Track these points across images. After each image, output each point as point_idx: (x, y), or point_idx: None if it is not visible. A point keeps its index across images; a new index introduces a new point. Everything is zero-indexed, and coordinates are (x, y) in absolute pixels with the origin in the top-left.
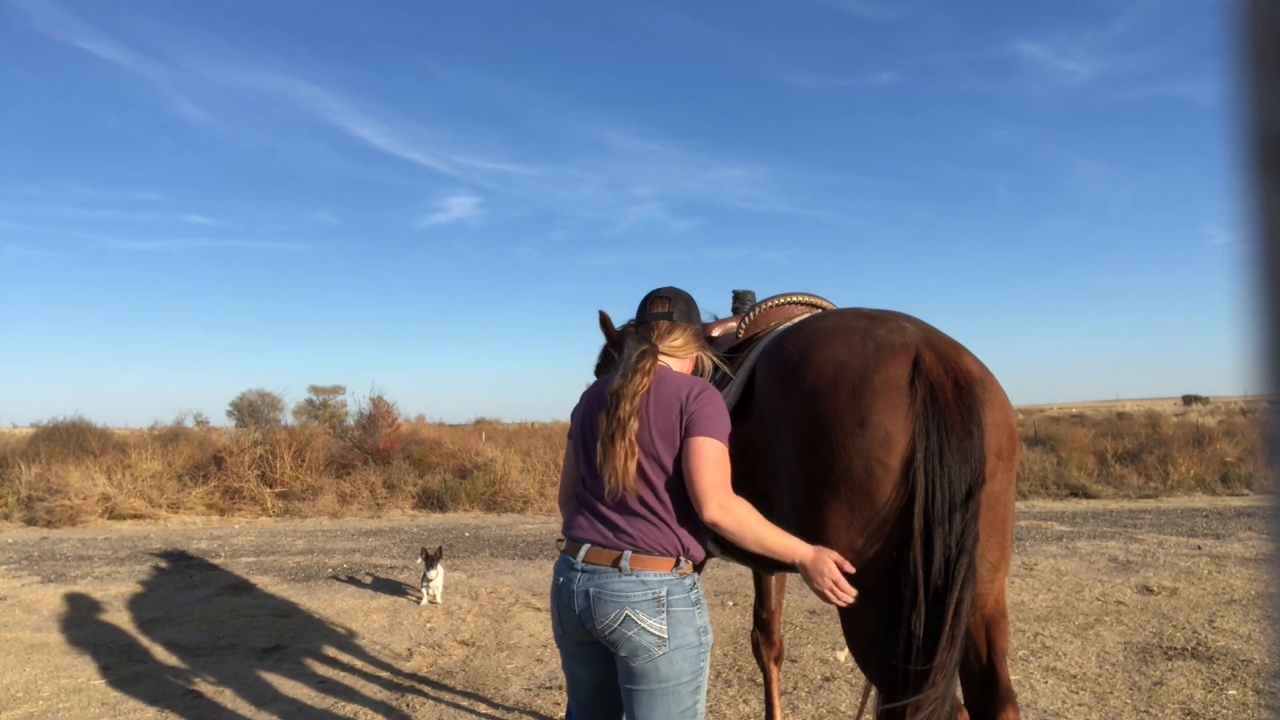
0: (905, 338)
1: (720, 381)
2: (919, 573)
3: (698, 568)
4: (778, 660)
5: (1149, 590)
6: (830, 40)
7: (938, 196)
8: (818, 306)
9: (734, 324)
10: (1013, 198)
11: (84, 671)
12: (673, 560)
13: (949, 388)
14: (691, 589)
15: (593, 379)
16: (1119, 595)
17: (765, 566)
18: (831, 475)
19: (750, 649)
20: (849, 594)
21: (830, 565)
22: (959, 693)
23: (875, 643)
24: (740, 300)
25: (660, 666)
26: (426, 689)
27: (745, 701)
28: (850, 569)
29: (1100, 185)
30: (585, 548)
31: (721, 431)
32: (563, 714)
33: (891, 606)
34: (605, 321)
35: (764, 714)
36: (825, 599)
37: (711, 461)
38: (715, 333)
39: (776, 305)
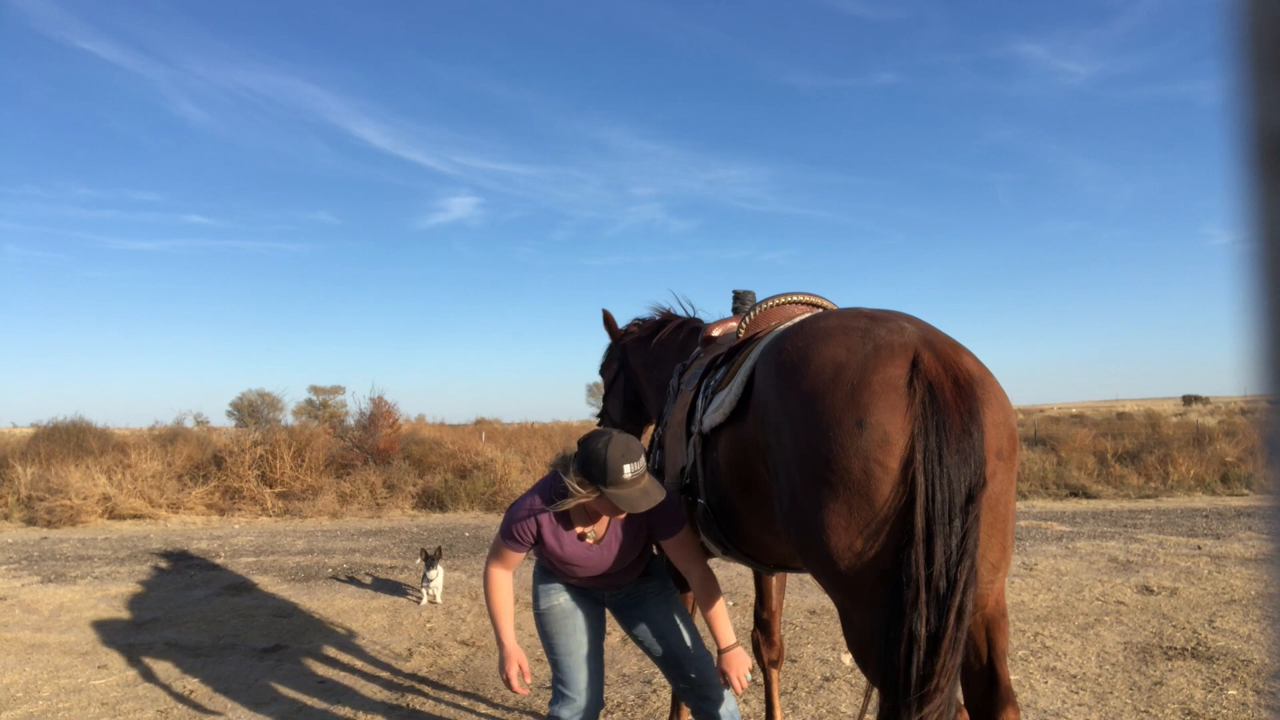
0: (904, 337)
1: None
2: (920, 574)
3: (543, 569)
4: (777, 661)
5: (1149, 590)
6: (830, 40)
7: (938, 197)
8: (818, 306)
9: (734, 324)
10: (1013, 198)
11: (84, 671)
12: None
13: (948, 388)
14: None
15: (598, 378)
16: (1119, 595)
17: (765, 566)
18: (830, 476)
19: (750, 649)
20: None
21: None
22: (959, 693)
23: (876, 644)
24: (740, 300)
25: None
26: (426, 689)
27: (745, 702)
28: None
29: (1100, 185)
30: None
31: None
32: None
33: (892, 607)
34: (609, 321)
35: (764, 714)
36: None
37: None
38: (716, 333)
39: (777, 305)
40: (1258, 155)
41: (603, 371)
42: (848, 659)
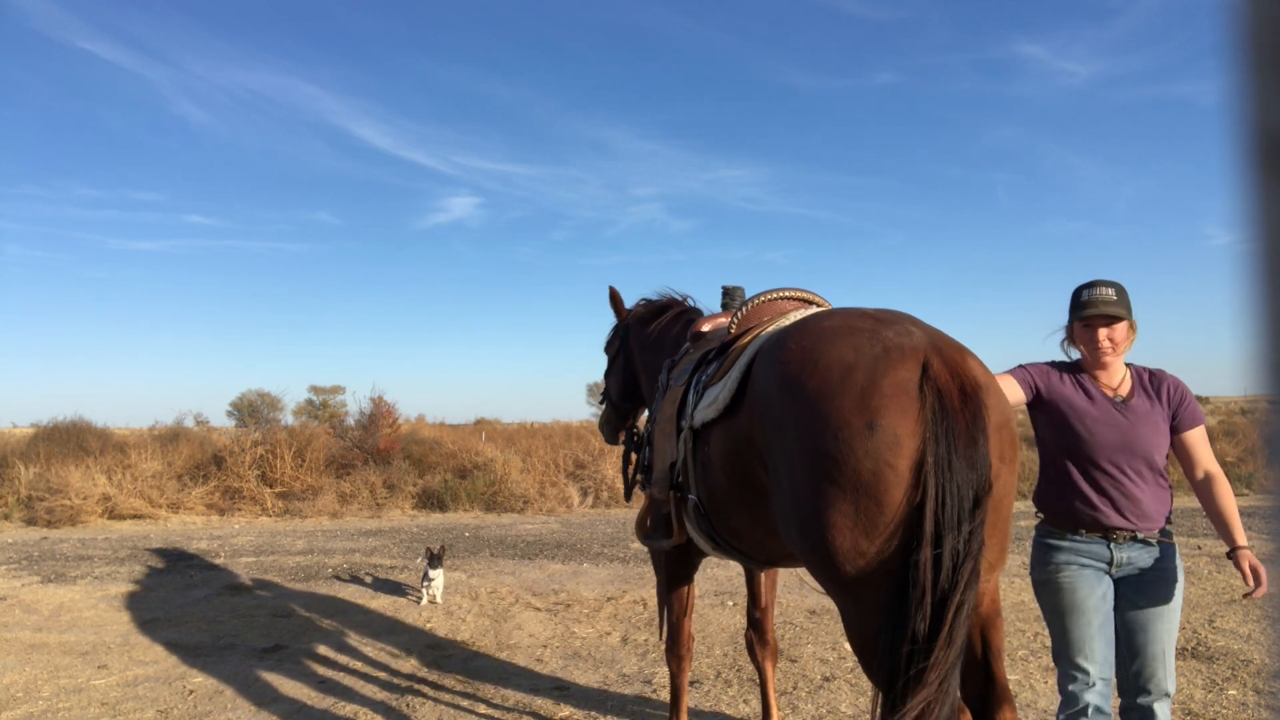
0: (913, 341)
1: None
2: (927, 576)
3: (1046, 528)
4: (772, 660)
5: None
6: (830, 40)
7: (938, 197)
8: (809, 301)
9: (724, 319)
10: (1013, 198)
11: (84, 671)
12: None
13: (956, 394)
14: None
15: (598, 379)
16: None
17: (755, 563)
18: (838, 476)
19: (745, 649)
20: None
21: None
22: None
23: (877, 642)
24: (730, 296)
25: None
26: (426, 689)
27: (745, 701)
28: None
29: (1101, 185)
30: None
31: None
32: (562, 714)
33: (895, 606)
34: (615, 298)
35: (761, 714)
36: None
37: None
38: (705, 328)
39: (768, 300)
40: (1258, 155)
41: (607, 348)
42: (851, 660)
